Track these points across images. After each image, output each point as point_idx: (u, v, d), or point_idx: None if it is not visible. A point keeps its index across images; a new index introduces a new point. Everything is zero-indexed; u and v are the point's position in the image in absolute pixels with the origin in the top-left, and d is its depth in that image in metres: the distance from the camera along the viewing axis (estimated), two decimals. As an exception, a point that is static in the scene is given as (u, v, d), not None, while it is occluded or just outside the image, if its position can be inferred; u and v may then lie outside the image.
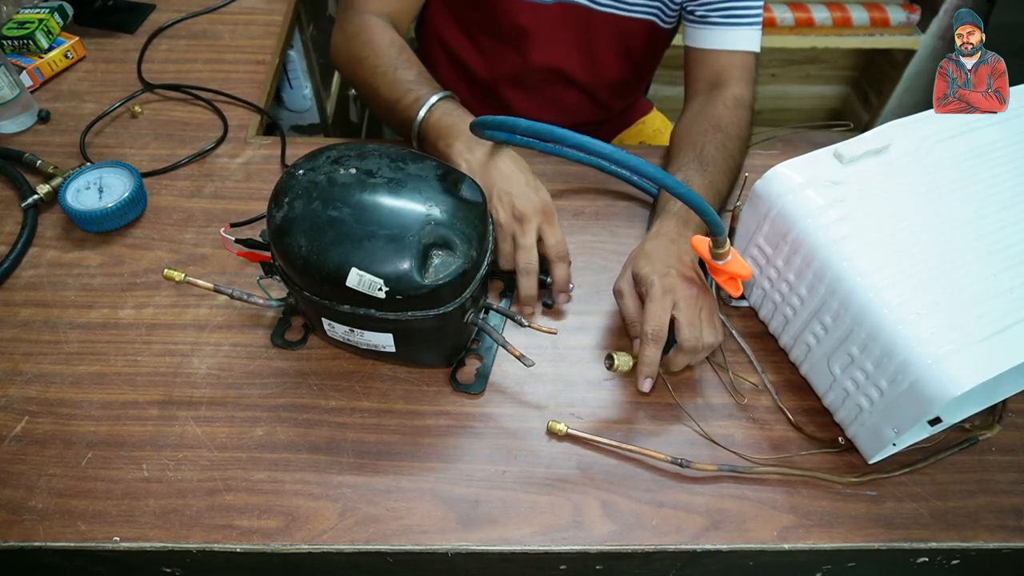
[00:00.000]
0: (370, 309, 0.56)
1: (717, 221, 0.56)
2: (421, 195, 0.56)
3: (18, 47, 0.95)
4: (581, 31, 0.95)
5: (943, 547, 0.59)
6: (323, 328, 0.61)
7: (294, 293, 0.60)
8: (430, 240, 0.55)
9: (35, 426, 0.63)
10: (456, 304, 0.58)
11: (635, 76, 1.06)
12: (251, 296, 0.64)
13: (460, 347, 0.67)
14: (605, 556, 0.58)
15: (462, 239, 0.56)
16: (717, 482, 0.61)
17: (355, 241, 0.54)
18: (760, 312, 0.70)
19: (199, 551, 0.57)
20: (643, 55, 1.00)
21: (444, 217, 0.56)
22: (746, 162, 0.86)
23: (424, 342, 0.62)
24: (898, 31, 1.93)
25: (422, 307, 0.57)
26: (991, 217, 0.59)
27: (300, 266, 0.55)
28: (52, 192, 0.79)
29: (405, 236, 0.54)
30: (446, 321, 0.59)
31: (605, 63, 0.99)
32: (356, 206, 0.55)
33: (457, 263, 0.56)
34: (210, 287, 0.62)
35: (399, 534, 0.58)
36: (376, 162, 0.58)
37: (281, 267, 0.59)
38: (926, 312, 0.53)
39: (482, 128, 0.66)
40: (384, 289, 0.54)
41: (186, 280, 0.61)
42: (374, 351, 0.62)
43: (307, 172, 0.57)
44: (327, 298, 0.57)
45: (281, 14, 1.08)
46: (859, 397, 0.58)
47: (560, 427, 0.62)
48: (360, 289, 0.54)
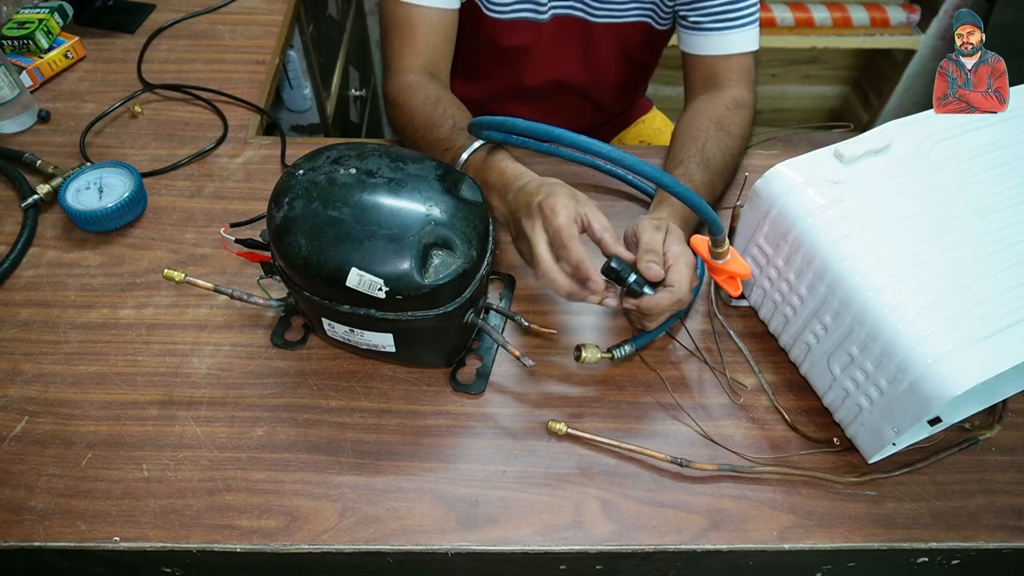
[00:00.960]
0: (370, 309, 0.56)
1: (716, 220, 0.56)
2: (421, 195, 0.56)
3: (18, 47, 0.95)
4: (579, 41, 0.95)
5: (943, 547, 0.59)
6: (323, 328, 0.61)
7: (294, 293, 0.60)
8: (430, 240, 0.55)
9: (35, 426, 0.63)
10: (456, 304, 0.58)
11: (635, 78, 1.06)
12: (251, 296, 0.64)
13: (460, 347, 0.67)
14: (605, 556, 0.58)
15: (462, 239, 0.56)
16: (717, 482, 0.61)
17: (355, 241, 0.54)
18: (760, 312, 0.70)
19: (199, 551, 0.57)
20: (641, 57, 1.00)
21: (444, 217, 0.56)
22: (746, 162, 0.86)
23: (424, 342, 0.62)
24: (898, 31, 1.93)
25: (422, 307, 0.57)
26: (991, 217, 0.59)
27: (300, 266, 0.55)
28: (52, 192, 0.79)
29: (405, 236, 0.54)
30: (446, 321, 0.59)
31: (605, 69, 0.99)
32: (356, 206, 0.55)
33: (457, 263, 0.56)
34: (210, 287, 0.62)
35: (399, 534, 0.58)
36: (376, 162, 0.58)
37: (281, 267, 0.59)
38: (926, 311, 0.53)
39: (480, 128, 0.65)
40: (384, 289, 0.54)
41: (186, 280, 0.61)
42: (374, 351, 0.62)
43: (307, 172, 0.57)
44: (327, 298, 0.57)
45: (281, 14, 1.08)
46: (859, 397, 0.58)
47: (560, 427, 0.62)
48: (360, 289, 0.54)
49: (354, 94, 1.77)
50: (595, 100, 1.05)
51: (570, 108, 1.05)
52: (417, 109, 0.78)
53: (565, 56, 0.96)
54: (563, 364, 0.68)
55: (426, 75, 0.82)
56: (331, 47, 1.57)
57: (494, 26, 0.92)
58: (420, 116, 0.77)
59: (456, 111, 0.76)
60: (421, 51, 0.83)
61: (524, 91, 1.01)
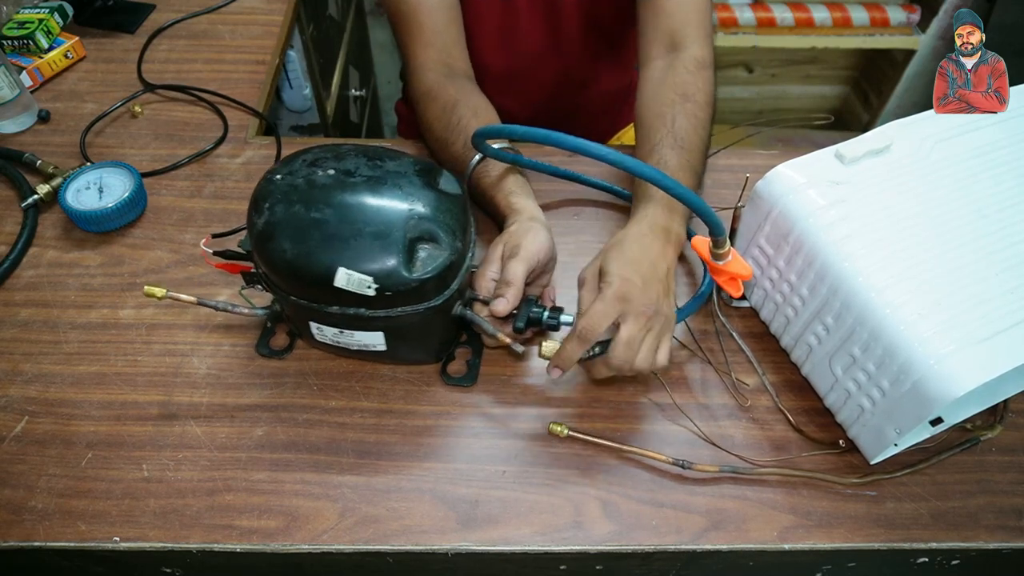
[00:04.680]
0: (360, 308, 0.56)
1: (717, 222, 0.56)
2: (402, 191, 0.57)
3: (18, 47, 0.95)
4: (548, 14, 0.94)
5: (943, 547, 0.59)
6: (311, 333, 0.61)
7: (279, 299, 0.59)
8: (415, 234, 0.55)
9: (35, 426, 0.63)
10: (445, 296, 0.58)
11: (608, 46, 1.03)
12: (236, 307, 0.63)
13: (449, 341, 0.67)
14: (605, 556, 0.58)
15: (446, 231, 0.57)
16: (717, 482, 0.61)
17: (340, 241, 0.54)
18: (761, 313, 0.70)
19: (199, 551, 0.57)
20: (611, 21, 0.98)
21: (427, 211, 0.56)
22: (747, 162, 0.86)
23: (415, 338, 0.62)
24: (898, 31, 1.93)
25: (412, 302, 0.57)
26: (992, 217, 0.59)
27: (286, 270, 0.55)
28: (52, 192, 0.79)
29: (390, 232, 0.54)
30: (435, 315, 0.59)
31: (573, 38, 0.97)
32: (338, 206, 0.55)
33: (443, 255, 0.56)
34: (193, 300, 0.61)
35: (399, 534, 0.58)
36: (354, 162, 0.58)
37: (265, 274, 0.59)
38: (928, 312, 0.53)
39: (482, 139, 0.65)
40: (373, 286, 0.54)
41: (169, 295, 0.60)
42: (364, 351, 0.62)
43: (285, 176, 0.57)
44: (315, 301, 0.57)
45: (281, 14, 1.08)
46: (861, 398, 0.58)
47: (561, 429, 0.62)
48: (349, 288, 0.54)
49: (354, 94, 1.77)
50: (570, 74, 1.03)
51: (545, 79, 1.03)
52: (434, 122, 0.78)
53: (536, 32, 0.95)
54: (563, 364, 0.68)
55: (442, 71, 0.81)
56: (331, 47, 1.57)
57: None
58: (436, 129, 0.77)
59: (471, 119, 0.75)
60: (431, 41, 0.82)
61: (498, 71, 0.99)
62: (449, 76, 0.81)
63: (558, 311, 0.63)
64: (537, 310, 0.62)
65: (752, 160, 0.86)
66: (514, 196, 0.70)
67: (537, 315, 0.62)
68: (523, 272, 0.62)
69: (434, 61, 0.81)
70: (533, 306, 0.62)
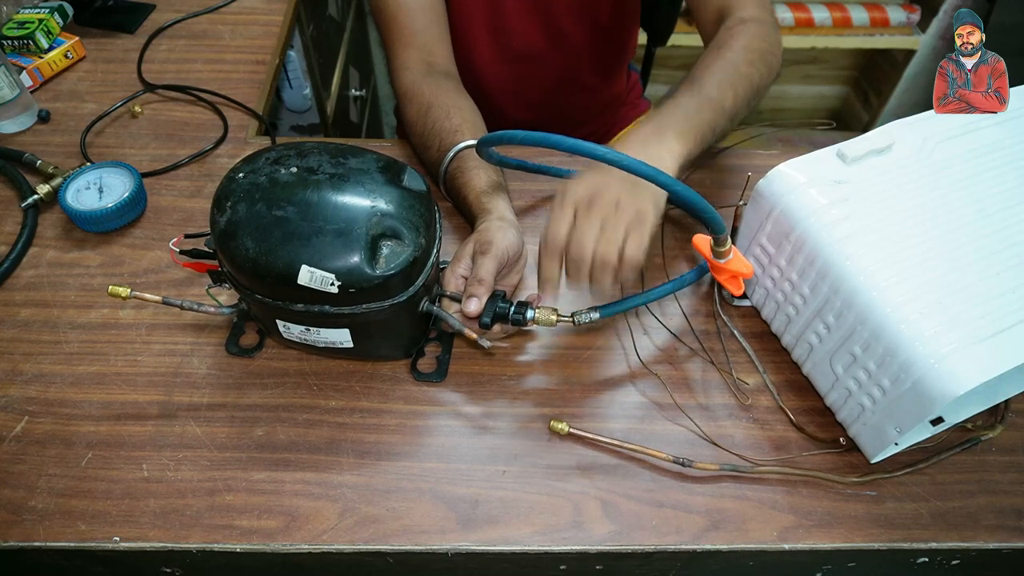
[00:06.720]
0: (324, 305, 0.56)
1: (718, 220, 0.56)
2: (365, 188, 0.57)
3: (18, 47, 0.95)
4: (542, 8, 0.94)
5: (943, 547, 0.59)
6: (278, 331, 0.61)
7: (245, 297, 0.59)
8: (378, 231, 0.55)
9: (35, 426, 0.63)
10: (409, 293, 0.58)
11: (607, 46, 1.03)
12: (202, 305, 0.63)
13: (418, 337, 0.68)
14: (605, 556, 0.58)
15: (409, 228, 0.57)
16: (717, 482, 0.61)
17: (303, 238, 0.54)
18: (762, 311, 0.70)
19: (199, 551, 0.57)
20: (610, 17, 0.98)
21: (390, 208, 0.56)
22: (748, 162, 0.86)
23: (381, 335, 0.62)
24: (898, 31, 1.93)
25: (376, 298, 0.57)
26: (993, 216, 0.59)
27: (249, 269, 0.55)
28: (52, 192, 0.79)
29: (353, 229, 0.54)
30: (401, 311, 0.59)
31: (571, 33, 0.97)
32: (300, 204, 0.55)
33: (407, 252, 0.56)
34: (158, 299, 0.60)
35: (399, 534, 0.58)
36: (317, 159, 0.58)
37: (230, 272, 0.58)
38: (929, 311, 0.53)
39: (485, 146, 0.65)
40: (336, 283, 0.54)
41: (133, 295, 0.60)
42: (332, 348, 0.62)
43: (247, 175, 0.57)
44: (280, 298, 0.57)
45: (281, 14, 1.08)
46: (861, 397, 0.58)
47: (562, 427, 0.62)
48: (312, 286, 0.54)
49: (354, 94, 1.77)
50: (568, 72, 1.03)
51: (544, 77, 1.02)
52: (412, 123, 0.79)
53: (533, 26, 0.95)
54: (565, 363, 0.68)
55: (422, 71, 0.81)
56: (331, 47, 1.57)
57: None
58: (415, 133, 0.78)
59: (444, 121, 0.76)
60: (411, 41, 0.82)
61: (496, 65, 0.99)
62: (427, 75, 0.81)
63: (524, 305, 0.63)
64: (503, 305, 0.63)
65: (753, 160, 0.86)
66: (485, 196, 0.71)
67: (503, 310, 0.63)
68: (494, 269, 0.63)
69: (414, 60, 0.82)
70: (500, 301, 0.63)
